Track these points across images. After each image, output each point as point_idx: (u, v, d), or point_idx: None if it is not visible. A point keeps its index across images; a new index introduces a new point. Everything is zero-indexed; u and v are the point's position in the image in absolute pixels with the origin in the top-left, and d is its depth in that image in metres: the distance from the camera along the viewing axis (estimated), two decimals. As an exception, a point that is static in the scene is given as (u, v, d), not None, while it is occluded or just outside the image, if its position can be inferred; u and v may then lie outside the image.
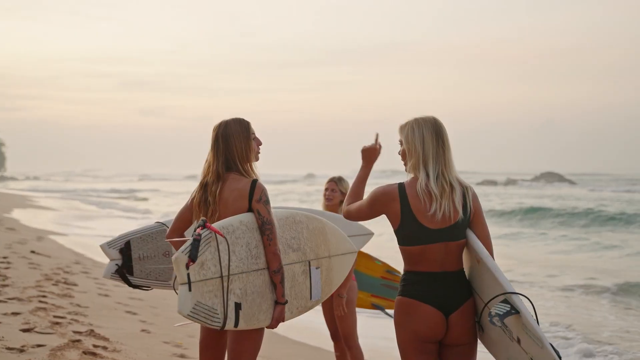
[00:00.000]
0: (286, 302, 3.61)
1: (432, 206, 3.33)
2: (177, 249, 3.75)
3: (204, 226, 3.37)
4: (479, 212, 3.42)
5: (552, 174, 66.09)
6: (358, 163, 3.71)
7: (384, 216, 3.48)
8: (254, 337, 3.56)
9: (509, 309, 3.08)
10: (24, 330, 6.05)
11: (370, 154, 3.69)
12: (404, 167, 3.51)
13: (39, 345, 5.59)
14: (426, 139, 3.37)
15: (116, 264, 4.38)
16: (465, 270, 3.45)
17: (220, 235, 3.40)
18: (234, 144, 3.67)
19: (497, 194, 42.32)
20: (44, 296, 7.80)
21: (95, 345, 5.88)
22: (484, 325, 3.35)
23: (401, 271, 5.85)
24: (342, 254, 4.12)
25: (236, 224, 3.50)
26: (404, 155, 3.46)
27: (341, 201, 5.47)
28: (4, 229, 15.87)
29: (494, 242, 3.49)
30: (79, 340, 5.92)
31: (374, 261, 5.90)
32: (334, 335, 5.50)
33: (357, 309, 5.44)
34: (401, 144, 3.47)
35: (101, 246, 4.43)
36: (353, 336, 5.26)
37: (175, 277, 3.62)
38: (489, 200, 36.18)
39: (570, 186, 56.33)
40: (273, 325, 3.58)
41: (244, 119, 3.74)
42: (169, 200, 43.37)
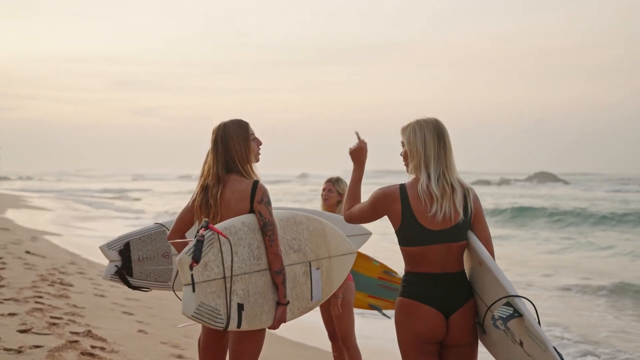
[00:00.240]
0: (288, 303, 3.62)
1: (433, 207, 3.34)
2: (178, 250, 3.75)
3: (206, 227, 3.37)
4: (480, 214, 3.44)
5: (546, 174, 66.19)
6: (351, 163, 3.70)
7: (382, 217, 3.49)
8: (256, 338, 3.56)
9: (512, 312, 3.08)
10: (21, 331, 6.04)
11: (358, 154, 3.65)
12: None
13: (37, 346, 5.58)
14: (428, 141, 3.38)
15: (116, 266, 4.38)
16: (466, 271, 3.45)
17: (223, 236, 3.40)
18: (233, 145, 3.67)
19: (491, 194, 42.37)
20: (40, 297, 7.78)
21: (93, 346, 5.87)
22: (485, 326, 3.36)
23: (398, 272, 5.92)
24: (342, 255, 4.13)
25: (238, 225, 3.50)
26: (405, 156, 3.47)
27: (338, 201, 5.47)
28: (-2, 229, 15.82)
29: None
30: (76, 341, 5.92)
31: (372, 262, 5.90)
32: (332, 336, 5.50)
33: (355, 310, 5.44)
34: (403, 145, 3.48)
35: (100, 247, 4.42)
36: (351, 336, 5.26)
37: (175, 278, 3.62)
38: (482, 200, 36.09)
39: (563, 186, 56.44)
40: (275, 326, 3.59)
41: (242, 120, 3.74)
42: (161, 200, 43.26)
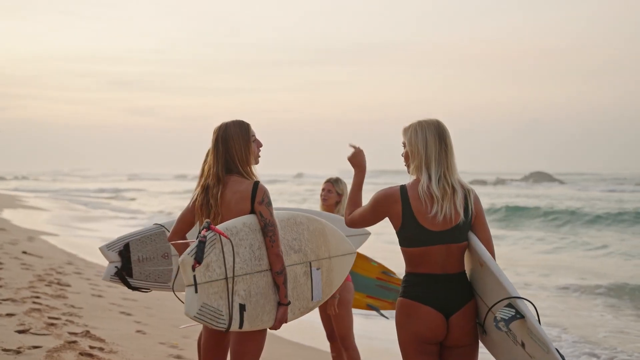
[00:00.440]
0: (289, 303, 3.63)
1: (433, 208, 3.35)
2: (179, 251, 3.76)
3: (208, 228, 3.37)
4: (480, 215, 3.44)
5: (541, 174, 66.26)
6: (346, 162, 3.71)
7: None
8: (257, 338, 3.57)
9: (514, 314, 3.08)
10: (20, 332, 6.03)
11: (358, 158, 3.68)
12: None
13: (35, 347, 5.57)
14: (429, 142, 3.39)
15: (115, 266, 4.38)
16: (467, 272, 3.46)
17: (225, 237, 3.40)
18: (233, 146, 3.68)
19: (487, 193, 42.43)
20: (37, 297, 7.77)
21: (91, 347, 5.87)
22: (486, 327, 3.37)
23: (396, 272, 5.92)
24: (342, 255, 4.14)
25: (239, 226, 3.51)
26: (406, 157, 3.48)
27: (337, 202, 5.48)
28: (-6, 229, 15.79)
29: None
30: (75, 342, 5.91)
31: (370, 262, 5.90)
32: (330, 336, 5.51)
33: (353, 310, 5.45)
34: (404, 146, 3.49)
35: (100, 248, 4.43)
36: (350, 337, 5.27)
37: (175, 279, 3.62)
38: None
39: (559, 186, 56.54)
40: (276, 326, 3.59)
41: (244, 122, 3.75)
42: (156, 200, 43.21)
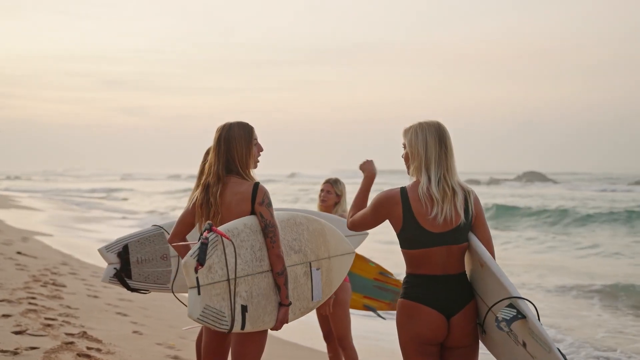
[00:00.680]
0: (290, 304, 3.63)
1: (434, 210, 3.36)
2: (180, 253, 3.75)
3: (210, 230, 3.37)
4: (480, 216, 3.45)
5: (535, 174, 66.44)
6: (340, 162, 3.77)
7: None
8: (258, 339, 3.57)
9: (515, 314, 3.09)
10: (16, 333, 6.01)
11: (369, 166, 3.81)
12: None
13: (33, 348, 5.56)
14: (429, 144, 3.40)
15: (114, 268, 4.37)
16: (467, 273, 3.47)
17: (227, 238, 3.40)
18: (235, 147, 3.68)
19: (480, 193, 42.54)
20: (33, 298, 7.74)
21: (88, 347, 5.86)
22: (486, 327, 3.38)
23: (394, 273, 5.93)
24: (341, 255, 4.14)
25: (240, 227, 3.51)
26: (407, 158, 3.49)
27: (336, 203, 5.49)
28: (-12, 230, 15.74)
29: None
30: (72, 342, 5.90)
31: (368, 262, 5.91)
32: (327, 336, 5.51)
33: (350, 310, 5.45)
34: (404, 147, 3.50)
35: (99, 250, 4.42)
36: (347, 337, 5.28)
37: (174, 280, 3.62)
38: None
39: (552, 185, 56.68)
40: (277, 327, 3.60)
41: (248, 124, 3.75)
42: (149, 199, 43.13)
